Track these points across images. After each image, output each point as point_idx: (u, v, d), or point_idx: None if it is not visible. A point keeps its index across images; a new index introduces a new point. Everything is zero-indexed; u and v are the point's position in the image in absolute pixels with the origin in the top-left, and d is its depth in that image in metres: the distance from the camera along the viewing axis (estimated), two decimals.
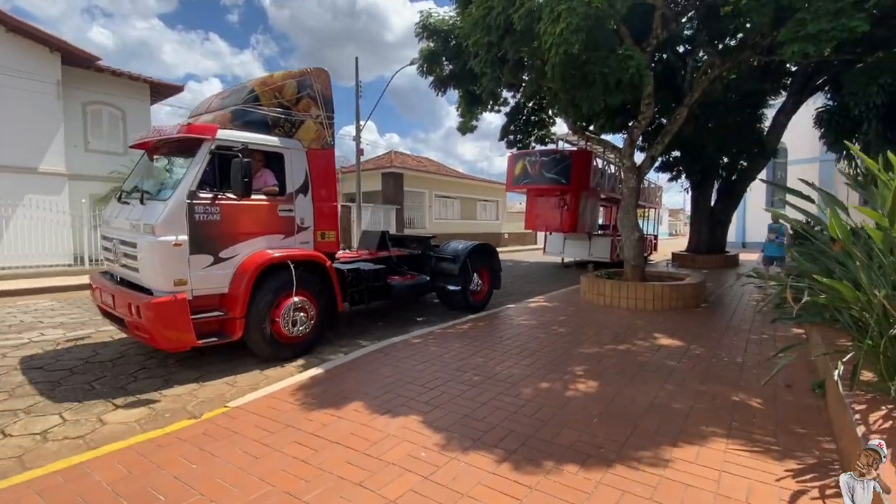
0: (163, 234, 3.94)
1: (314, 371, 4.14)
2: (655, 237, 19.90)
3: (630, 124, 8.02)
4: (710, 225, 14.96)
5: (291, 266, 4.57)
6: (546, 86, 7.08)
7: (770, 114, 13.32)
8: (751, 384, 3.78)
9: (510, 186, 13.07)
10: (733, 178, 14.84)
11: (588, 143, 12.75)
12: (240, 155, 4.19)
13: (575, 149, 12.85)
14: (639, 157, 8.76)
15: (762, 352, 4.76)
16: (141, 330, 3.99)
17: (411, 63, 12.53)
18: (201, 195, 4.17)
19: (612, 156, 14.42)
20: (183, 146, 4.60)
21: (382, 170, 22.18)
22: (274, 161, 4.84)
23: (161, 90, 16.01)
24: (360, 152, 18.52)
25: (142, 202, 4.22)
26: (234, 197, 4.30)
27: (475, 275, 7.18)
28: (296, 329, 4.65)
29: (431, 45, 9.76)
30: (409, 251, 7.42)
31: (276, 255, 4.54)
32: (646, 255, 18.98)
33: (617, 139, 14.97)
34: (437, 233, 15.71)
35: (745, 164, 13.72)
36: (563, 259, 16.05)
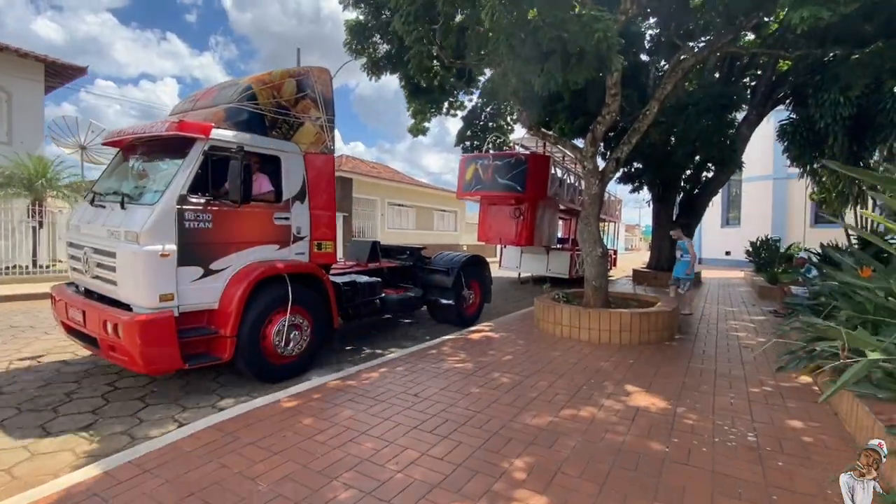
0: (148, 242, 3.57)
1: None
2: (615, 252, 19.07)
3: (596, 121, 6.77)
4: (672, 240, 14.10)
5: (287, 279, 4.29)
6: (492, 59, 5.68)
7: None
8: (784, 489, 2.41)
9: (461, 193, 11.70)
10: (696, 191, 14.12)
11: (546, 148, 11.59)
12: (237, 157, 3.91)
13: (530, 152, 11.64)
14: (602, 163, 7.57)
15: (773, 419, 3.45)
16: (119, 351, 3.59)
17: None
18: (192, 200, 3.81)
19: (573, 163, 13.34)
20: (170, 146, 4.14)
21: None
22: (270, 165, 4.49)
23: (59, 72, 13.71)
24: None
25: (122, 206, 3.80)
26: (230, 203, 3.97)
27: (468, 288, 6.99)
28: (289, 348, 4.35)
29: (360, 15, 8.24)
30: (401, 262, 7.15)
31: (271, 267, 4.24)
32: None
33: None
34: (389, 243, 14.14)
35: (709, 175, 12.98)
36: (519, 274, 14.80)
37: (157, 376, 4.29)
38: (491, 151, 11.36)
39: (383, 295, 6.07)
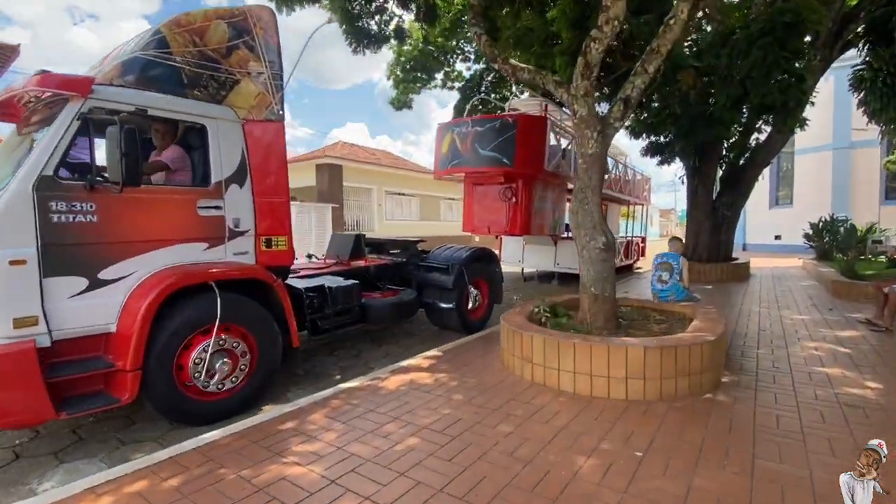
0: None
1: None
2: (643, 239, 16.31)
3: (590, 36, 4.38)
4: (712, 224, 11.39)
5: (216, 289, 3.29)
6: None
7: None
8: None
9: (437, 172, 9.37)
10: (742, 161, 11.32)
11: (545, 109, 9.07)
12: (129, 123, 2.93)
13: (520, 113, 9.16)
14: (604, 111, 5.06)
15: None
16: None
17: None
18: (62, 182, 2.88)
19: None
20: (52, 112, 3.08)
21: (317, 160, 18.38)
22: (192, 137, 3.59)
23: None
24: None
25: None
26: (116, 186, 2.93)
27: (473, 288, 6.00)
28: (213, 381, 3.28)
29: None
30: (392, 259, 6.24)
31: (189, 273, 3.26)
32: (632, 261, 15.55)
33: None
34: (394, 235, 11.96)
35: (761, 138, 10.21)
36: (522, 270, 12.40)
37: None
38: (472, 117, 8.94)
39: (366, 300, 5.06)
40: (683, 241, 6.06)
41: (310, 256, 6.41)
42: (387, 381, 3.91)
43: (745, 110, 8.71)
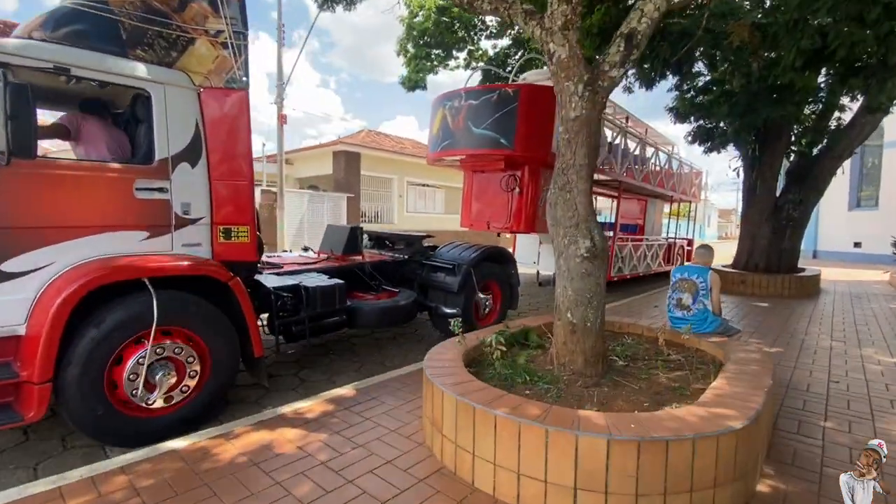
0: None
1: None
2: (689, 242, 14.17)
3: None
4: (773, 226, 9.34)
5: (150, 287, 2.79)
6: None
7: None
8: None
9: (428, 157, 8.00)
10: (815, 150, 9.18)
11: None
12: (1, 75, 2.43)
13: (524, 82, 7.56)
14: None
15: None
16: None
17: None
18: None
19: (621, 120, 9.00)
20: None
21: (333, 148, 17.46)
22: (136, 105, 3.13)
23: None
24: (281, 119, 13.87)
25: None
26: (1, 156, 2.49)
27: (482, 292, 5.44)
28: (153, 397, 2.80)
29: None
30: (392, 256, 5.70)
31: (117, 268, 2.76)
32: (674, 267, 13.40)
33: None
34: (410, 230, 10.83)
35: (843, 118, 8.12)
36: (537, 273, 10.83)
37: None
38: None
39: (354, 302, 4.53)
40: (713, 249, 4.44)
41: (306, 249, 5.97)
42: (231, 443, 2.65)
43: (822, 76, 6.70)
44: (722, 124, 8.86)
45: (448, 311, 5.15)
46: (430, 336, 5.67)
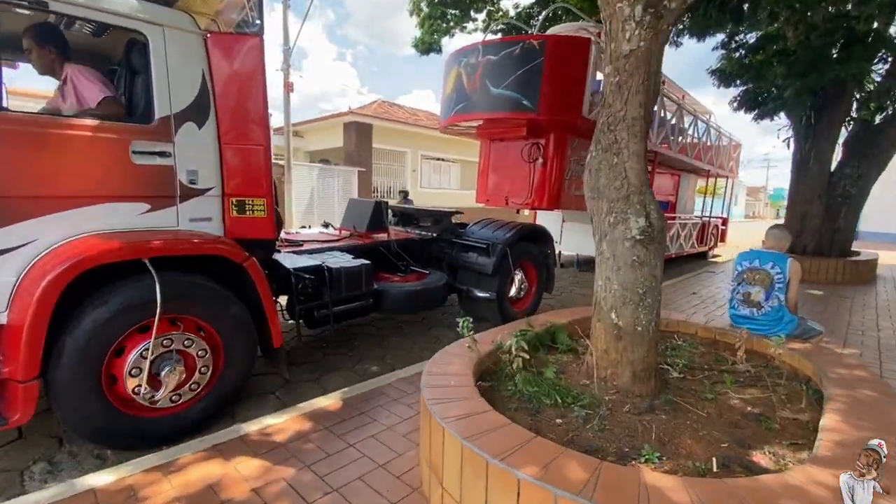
0: None
1: None
2: (725, 220, 13.14)
3: None
4: (825, 203, 8.34)
5: (151, 268, 2.36)
6: None
7: None
8: None
9: (441, 123, 7.17)
10: (882, 114, 8.09)
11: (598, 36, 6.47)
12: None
13: (551, 34, 6.62)
14: None
15: None
16: None
17: None
18: None
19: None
20: None
21: (343, 119, 16.64)
22: (132, 53, 2.68)
23: None
24: (288, 87, 13.07)
25: None
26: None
27: (518, 274, 5.02)
28: (162, 393, 2.44)
29: None
30: (420, 234, 5.21)
31: (113, 247, 2.31)
32: (708, 247, 12.47)
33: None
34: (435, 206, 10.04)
35: None
36: (559, 253, 10.02)
37: None
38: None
39: (381, 284, 4.15)
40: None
41: (326, 225, 5.63)
42: (168, 480, 2.03)
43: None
44: (774, 88, 7.80)
45: (481, 294, 4.80)
46: (439, 324, 5.02)
